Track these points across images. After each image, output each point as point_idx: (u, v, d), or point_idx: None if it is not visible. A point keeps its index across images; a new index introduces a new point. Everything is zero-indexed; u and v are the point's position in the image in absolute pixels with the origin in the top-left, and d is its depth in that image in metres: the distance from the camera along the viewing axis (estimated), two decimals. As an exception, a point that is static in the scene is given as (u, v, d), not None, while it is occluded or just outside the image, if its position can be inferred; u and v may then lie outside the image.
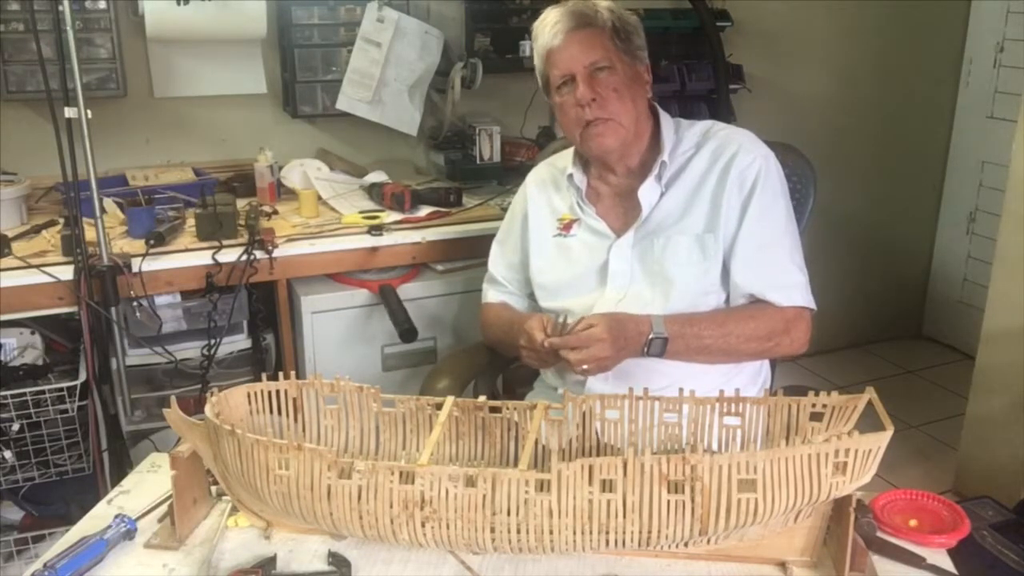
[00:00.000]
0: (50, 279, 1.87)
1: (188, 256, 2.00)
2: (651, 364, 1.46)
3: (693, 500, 0.97)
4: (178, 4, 2.18)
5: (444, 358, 1.97)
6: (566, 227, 1.62)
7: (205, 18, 2.25)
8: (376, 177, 2.43)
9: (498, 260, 1.76)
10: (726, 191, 1.49)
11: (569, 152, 1.65)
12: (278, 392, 1.20)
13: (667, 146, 1.53)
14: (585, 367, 1.41)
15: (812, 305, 1.52)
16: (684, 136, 1.57)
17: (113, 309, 1.90)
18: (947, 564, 1.07)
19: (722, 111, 2.88)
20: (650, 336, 1.43)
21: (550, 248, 1.63)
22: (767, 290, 1.48)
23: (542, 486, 0.98)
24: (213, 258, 1.98)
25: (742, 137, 1.55)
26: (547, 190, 1.68)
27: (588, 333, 1.40)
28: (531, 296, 1.71)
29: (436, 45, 2.50)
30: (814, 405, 1.11)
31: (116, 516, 1.13)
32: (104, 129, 2.09)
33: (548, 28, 1.50)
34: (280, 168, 2.42)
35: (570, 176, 1.61)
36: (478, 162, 2.58)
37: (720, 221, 1.49)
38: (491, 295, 1.76)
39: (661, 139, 1.54)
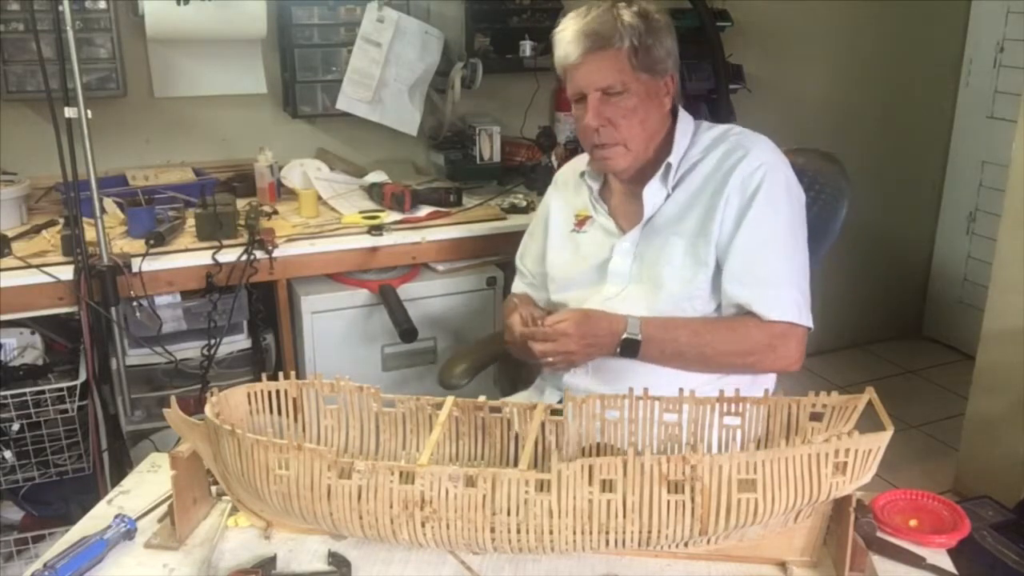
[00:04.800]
0: (50, 279, 1.87)
1: (188, 256, 2.00)
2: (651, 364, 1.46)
3: (693, 500, 0.97)
4: (178, 4, 2.18)
5: (462, 347, 2.04)
6: (580, 223, 1.63)
7: (205, 18, 2.25)
8: (376, 177, 2.43)
9: (526, 252, 1.77)
10: (724, 196, 1.44)
11: None
12: (278, 392, 1.20)
13: (678, 149, 1.50)
14: (550, 360, 1.45)
15: (804, 322, 1.43)
16: (700, 139, 1.53)
17: (113, 309, 1.90)
18: (947, 564, 1.07)
19: (722, 111, 2.87)
20: (623, 336, 1.43)
21: (564, 243, 1.64)
22: (754, 302, 1.42)
23: (542, 486, 0.99)
24: (213, 258, 1.98)
25: (753, 142, 1.49)
26: (569, 186, 1.68)
27: (556, 327, 1.44)
28: None
29: (436, 45, 2.50)
30: (814, 405, 1.11)
31: (116, 516, 1.13)
32: (104, 129, 2.09)
33: (564, 44, 1.47)
34: (280, 168, 2.41)
35: (582, 174, 1.61)
36: (478, 162, 2.59)
37: (714, 226, 1.45)
38: (515, 285, 1.79)
39: (673, 142, 1.51)
